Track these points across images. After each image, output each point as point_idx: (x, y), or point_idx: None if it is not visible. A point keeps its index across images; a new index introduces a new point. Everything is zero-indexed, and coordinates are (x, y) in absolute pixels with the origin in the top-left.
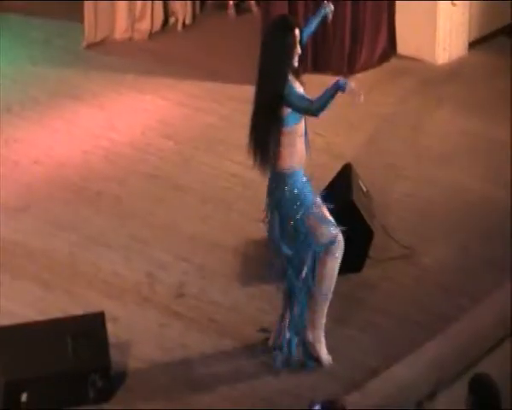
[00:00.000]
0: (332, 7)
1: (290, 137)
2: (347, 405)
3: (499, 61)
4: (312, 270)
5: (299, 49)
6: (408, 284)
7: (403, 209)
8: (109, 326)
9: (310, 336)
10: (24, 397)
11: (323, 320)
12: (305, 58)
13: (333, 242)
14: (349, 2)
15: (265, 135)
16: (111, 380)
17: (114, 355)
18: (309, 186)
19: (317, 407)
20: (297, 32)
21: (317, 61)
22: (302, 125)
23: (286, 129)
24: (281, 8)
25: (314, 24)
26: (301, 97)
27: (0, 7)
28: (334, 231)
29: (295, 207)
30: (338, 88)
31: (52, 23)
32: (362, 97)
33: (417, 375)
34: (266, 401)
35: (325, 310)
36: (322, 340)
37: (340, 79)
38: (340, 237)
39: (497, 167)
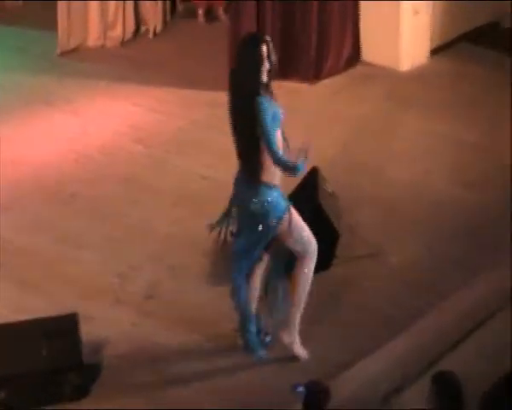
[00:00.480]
0: None
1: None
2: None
3: (462, 66)
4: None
5: (267, 65)
6: (375, 282)
7: (371, 209)
8: (84, 325)
9: (285, 338)
10: (2, 395)
11: (298, 321)
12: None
13: (309, 249)
14: (315, 11)
15: (248, 146)
16: (85, 377)
17: (89, 353)
18: (282, 199)
19: (301, 388)
20: (264, 48)
21: (284, 68)
22: (279, 134)
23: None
24: (249, 17)
25: None
26: (269, 129)
27: None
28: (306, 238)
29: (267, 218)
30: (294, 171)
31: (27, 31)
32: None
33: (384, 370)
34: (236, 397)
35: (299, 313)
36: (297, 339)
37: (300, 165)
38: (314, 244)
39: (463, 168)
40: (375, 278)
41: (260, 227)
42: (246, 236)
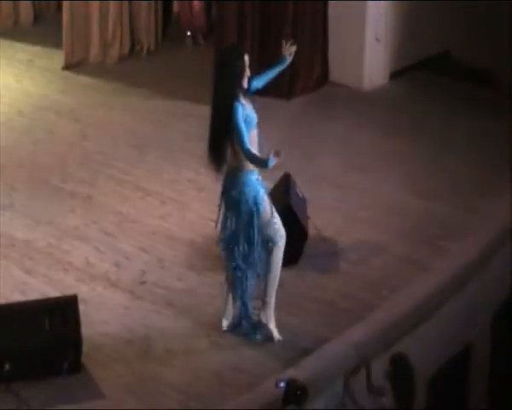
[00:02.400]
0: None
1: None
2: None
3: (414, 90)
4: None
5: (248, 72)
6: (336, 276)
7: (333, 212)
8: (81, 307)
9: (263, 318)
10: (7, 366)
11: (273, 301)
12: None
13: (279, 235)
14: (289, 38)
15: (219, 142)
16: (82, 353)
17: (85, 332)
18: (261, 184)
19: (282, 384)
20: (246, 57)
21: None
22: (255, 133)
23: None
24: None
25: (273, 73)
26: (241, 129)
27: None
28: (277, 224)
29: (249, 202)
30: (263, 165)
31: (34, 46)
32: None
33: (344, 354)
34: (216, 374)
35: (274, 292)
36: (273, 320)
37: (271, 159)
38: (283, 231)
39: (412, 178)
40: (336, 272)
41: (244, 214)
42: (233, 224)
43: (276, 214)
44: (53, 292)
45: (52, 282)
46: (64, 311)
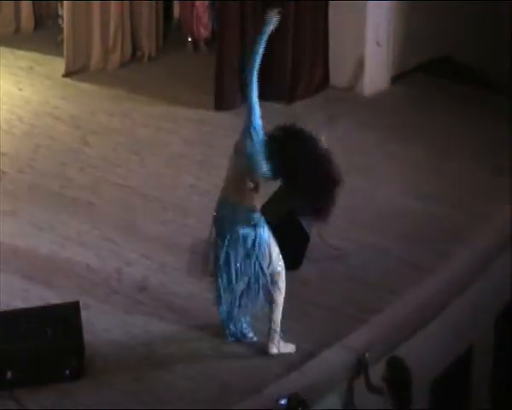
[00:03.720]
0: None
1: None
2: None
3: (414, 93)
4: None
5: None
6: (338, 280)
7: (335, 216)
8: (83, 314)
9: (272, 350)
10: (9, 374)
11: (278, 329)
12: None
13: (275, 267)
14: (290, 42)
15: None
16: (84, 360)
17: (87, 339)
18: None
19: (284, 401)
20: None
21: (262, 90)
22: None
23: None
24: (232, 48)
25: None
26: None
27: None
28: (279, 266)
29: (256, 240)
30: None
31: (35, 53)
32: None
33: (347, 358)
34: (218, 379)
35: (278, 326)
36: (282, 343)
37: None
38: (282, 264)
39: (414, 181)
40: (338, 276)
41: (253, 248)
42: (234, 254)
43: (274, 247)
44: (54, 299)
45: (53, 288)
46: (66, 317)
